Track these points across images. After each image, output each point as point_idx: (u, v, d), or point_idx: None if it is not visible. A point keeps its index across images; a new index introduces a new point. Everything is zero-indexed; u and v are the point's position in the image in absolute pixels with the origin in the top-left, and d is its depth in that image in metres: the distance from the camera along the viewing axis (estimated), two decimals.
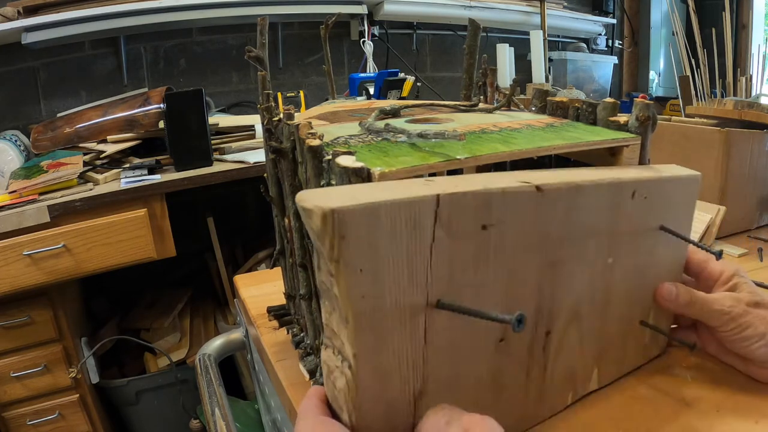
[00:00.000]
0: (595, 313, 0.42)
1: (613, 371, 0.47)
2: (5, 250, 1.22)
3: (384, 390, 0.30)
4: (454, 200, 0.30)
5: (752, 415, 0.42)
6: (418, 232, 0.29)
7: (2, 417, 1.37)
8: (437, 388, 0.33)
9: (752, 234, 0.86)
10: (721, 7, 1.11)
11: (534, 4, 2.35)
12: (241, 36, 1.99)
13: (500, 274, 0.34)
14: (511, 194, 0.33)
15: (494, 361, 0.36)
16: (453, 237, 0.31)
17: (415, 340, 0.31)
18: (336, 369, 0.30)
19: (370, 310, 0.28)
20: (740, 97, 1.02)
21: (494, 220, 0.33)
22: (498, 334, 0.36)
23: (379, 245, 0.28)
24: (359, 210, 0.27)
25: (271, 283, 0.73)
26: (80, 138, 1.54)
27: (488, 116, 0.54)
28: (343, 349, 0.29)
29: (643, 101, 0.44)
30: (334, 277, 0.27)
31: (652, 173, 0.43)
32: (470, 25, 0.62)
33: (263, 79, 0.54)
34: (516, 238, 0.34)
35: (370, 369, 0.29)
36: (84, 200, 1.28)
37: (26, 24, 1.54)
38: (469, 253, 0.32)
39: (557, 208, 0.36)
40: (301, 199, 0.27)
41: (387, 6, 2.02)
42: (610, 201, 0.40)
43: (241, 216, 2.03)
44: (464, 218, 0.31)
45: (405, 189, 0.29)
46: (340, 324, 0.29)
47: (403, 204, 0.28)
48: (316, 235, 0.27)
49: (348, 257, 0.27)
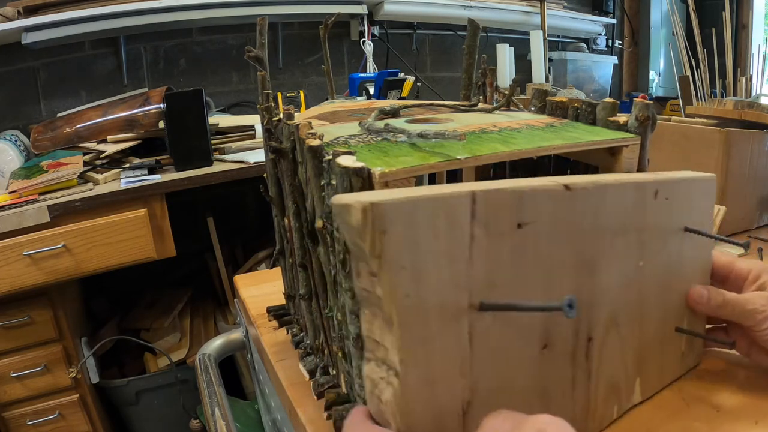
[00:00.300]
0: (633, 319, 0.42)
1: (654, 382, 0.46)
2: (5, 250, 1.22)
3: (432, 400, 0.30)
4: (489, 197, 0.30)
5: (752, 415, 0.42)
6: (457, 230, 0.29)
7: (2, 417, 1.37)
8: (485, 399, 0.32)
9: (752, 234, 0.86)
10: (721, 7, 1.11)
11: (534, 4, 2.35)
12: (241, 36, 1.99)
13: (538, 274, 0.34)
14: (541, 192, 0.33)
15: (539, 369, 0.36)
16: (490, 235, 0.31)
17: (461, 344, 0.30)
18: (381, 381, 0.29)
19: (414, 311, 0.28)
20: (740, 97, 1.02)
21: (528, 218, 0.32)
22: (541, 340, 0.35)
23: (420, 242, 0.28)
24: (399, 204, 0.27)
25: (271, 283, 0.73)
26: (80, 138, 1.54)
27: (488, 116, 0.54)
28: (388, 356, 0.28)
29: (642, 101, 0.44)
30: (376, 276, 0.27)
31: (670, 175, 0.44)
32: (470, 25, 0.62)
33: (263, 79, 0.54)
34: (550, 237, 0.34)
35: (417, 376, 0.28)
36: (84, 200, 1.28)
37: (26, 24, 1.54)
38: (507, 252, 0.32)
39: (586, 207, 0.36)
40: (338, 198, 0.27)
41: (387, 6, 2.02)
42: (635, 200, 0.40)
43: (241, 216, 2.03)
44: (500, 216, 0.31)
45: (440, 188, 0.29)
46: (383, 329, 0.28)
47: (440, 200, 0.28)
48: (356, 231, 0.26)
49: (390, 253, 0.27)
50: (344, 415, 0.43)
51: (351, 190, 0.34)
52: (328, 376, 0.48)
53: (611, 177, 0.39)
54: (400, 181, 0.35)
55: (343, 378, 0.45)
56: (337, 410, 0.43)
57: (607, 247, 0.38)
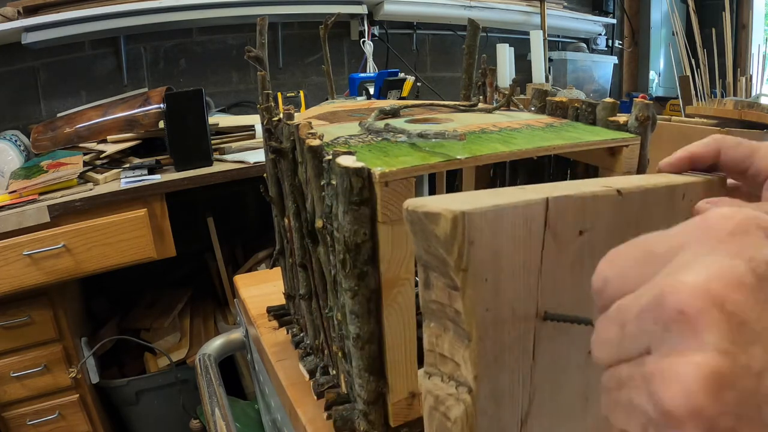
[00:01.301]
0: None
1: None
2: (5, 250, 1.22)
3: (498, 414, 0.29)
4: (560, 204, 0.29)
5: None
6: (532, 238, 0.28)
7: (2, 417, 1.37)
8: (540, 409, 0.32)
9: None
10: (721, 7, 1.11)
11: (534, 4, 2.35)
12: (241, 36, 1.99)
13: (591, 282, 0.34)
14: (600, 198, 0.32)
15: (584, 374, 0.36)
16: (558, 243, 0.30)
17: (527, 356, 0.30)
18: (449, 397, 0.28)
19: (491, 325, 0.27)
20: (740, 97, 1.02)
21: (588, 225, 0.32)
22: (588, 345, 0.36)
23: (502, 252, 0.27)
24: (487, 213, 0.25)
25: (271, 283, 0.73)
26: (80, 138, 1.54)
27: (488, 116, 0.54)
28: (459, 372, 0.27)
29: (642, 101, 0.44)
30: (459, 291, 0.26)
31: (689, 177, 0.43)
32: (469, 25, 0.62)
33: (263, 79, 0.54)
34: (604, 245, 0.34)
35: (488, 391, 0.28)
36: (84, 200, 1.28)
37: (26, 24, 1.54)
38: (569, 261, 0.31)
39: (632, 212, 0.36)
40: (420, 205, 0.25)
41: (387, 6, 2.02)
42: (668, 204, 0.39)
43: (241, 216, 2.03)
44: (566, 223, 0.30)
45: (513, 194, 0.28)
46: (457, 344, 0.27)
47: (521, 208, 0.27)
48: (442, 243, 0.25)
49: (476, 266, 0.25)
50: (344, 415, 0.43)
51: (351, 190, 0.34)
52: (328, 376, 0.48)
53: (649, 180, 0.38)
54: (400, 181, 0.35)
55: (343, 378, 0.45)
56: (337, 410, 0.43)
57: None
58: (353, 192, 0.34)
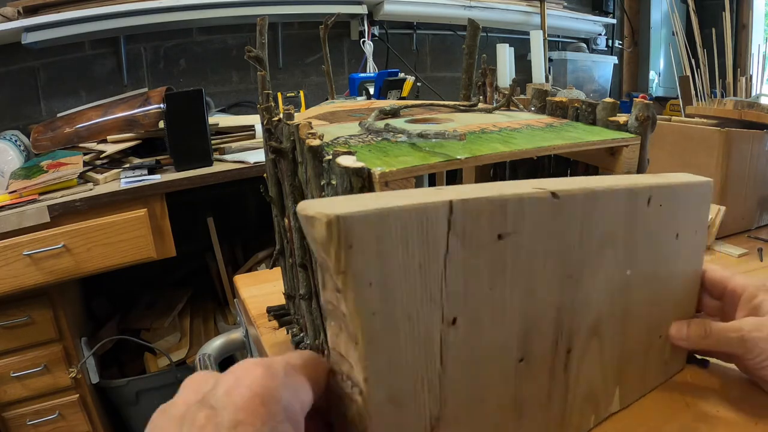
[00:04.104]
0: (616, 328, 0.41)
1: (635, 391, 0.45)
2: (5, 250, 1.22)
3: (398, 417, 0.28)
4: (468, 207, 0.28)
5: (752, 416, 0.42)
6: (431, 242, 0.27)
7: (2, 417, 1.37)
8: (456, 413, 0.31)
9: (752, 234, 0.86)
10: (721, 7, 1.11)
11: (534, 4, 2.35)
12: (241, 36, 1.99)
13: (517, 287, 0.32)
14: (527, 201, 0.31)
15: (514, 383, 0.35)
16: (467, 247, 0.29)
17: (431, 360, 0.29)
18: (345, 396, 0.27)
19: (381, 328, 0.26)
20: (740, 97, 1.02)
21: (510, 228, 0.31)
22: (518, 353, 0.34)
23: (390, 256, 0.26)
24: (367, 216, 0.25)
25: (271, 283, 0.73)
26: (80, 138, 1.54)
27: (488, 116, 0.54)
28: (353, 373, 0.27)
29: (642, 101, 0.44)
30: (341, 293, 0.25)
31: (665, 180, 0.42)
32: (469, 25, 0.62)
33: (263, 79, 0.54)
34: (532, 248, 0.32)
35: (383, 393, 0.27)
36: (84, 200, 1.28)
37: (26, 24, 1.54)
38: (485, 264, 0.30)
39: (574, 216, 0.34)
40: (302, 208, 0.25)
41: (387, 6, 2.02)
42: (627, 208, 0.38)
43: (241, 216, 2.03)
44: (479, 227, 0.29)
45: (415, 196, 0.27)
46: (348, 345, 0.27)
47: (414, 210, 0.26)
48: (321, 245, 0.24)
49: (356, 269, 0.25)
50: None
51: (351, 190, 0.33)
52: None
53: (603, 183, 0.37)
54: (401, 181, 0.34)
55: None
56: None
57: (594, 257, 0.37)
58: (353, 192, 0.34)
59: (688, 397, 0.45)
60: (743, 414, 0.42)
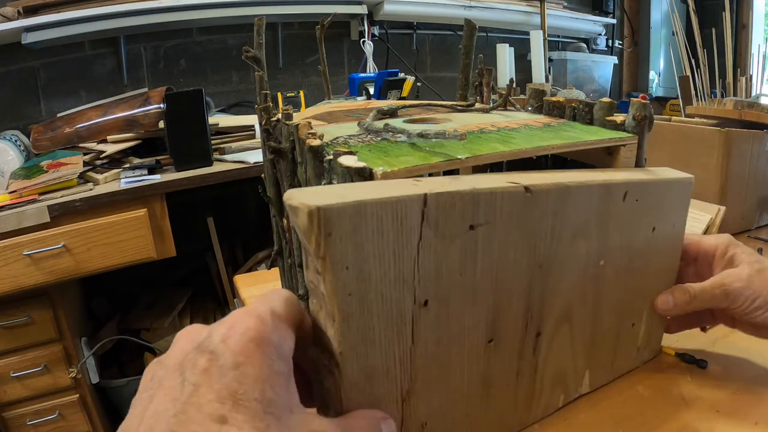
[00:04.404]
0: (587, 314, 0.43)
1: (605, 374, 0.47)
2: (5, 250, 1.22)
3: (371, 389, 0.31)
4: (441, 200, 0.30)
5: (752, 416, 0.42)
6: (405, 231, 0.29)
7: (2, 417, 1.37)
8: (426, 388, 0.34)
9: (752, 234, 0.86)
10: (721, 7, 1.11)
11: (534, 4, 2.35)
12: (241, 36, 1.99)
13: (488, 274, 0.35)
14: (499, 195, 0.33)
15: (484, 362, 0.37)
16: (440, 236, 0.31)
17: (403, 339, 0.31)
18: (323, 368, 0.30)
19: (357, 308, 0.29)
20: (740, 97, 1.02)
21: (482, 220, 0.33)
22: (487, 335, 0.36)
23: (365, 243, 0.28)
24: (345, 208, 0.27)
25: (271, 283, 0.73)
26: (80, 138, 1.54)
27: (486, 116, 0.54)
28: (330, 346, 0.29)
29: (639, 101, 0.44)
30: (320, 275, 0.28)
31: (645, 175, 0.43)
32: (466, 25, 0.62)
33: (260, 79, 0.54)
34: (504, 239, 0.35)
35: (357, 367, 0.30)
36: (84, 200, 1.28)
37: (26, 24, 1.54)
38: (457, 252, 0.32)
39: (546, 209, 0.36)
40: (288, 198, 0.28)
41: (387, 6, 2.02)
42: (601, 203, 0.40)
43: (241, 216, 2.03)
44: (451, 218, 0.31)
45: (393, 188, 0.30)
46: (327, 322, 0.29)
47: (390, 203, 0.28)
48: (303, 232, 0.27)
49: (334, 255, 0.27)
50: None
51: None
52: None
53: (577, 178, 0.38)
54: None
55: None
56: None
57: (566, 248, 0.39)
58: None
59: (688, 397, 0.45)
60: (743, 414, 0.42)
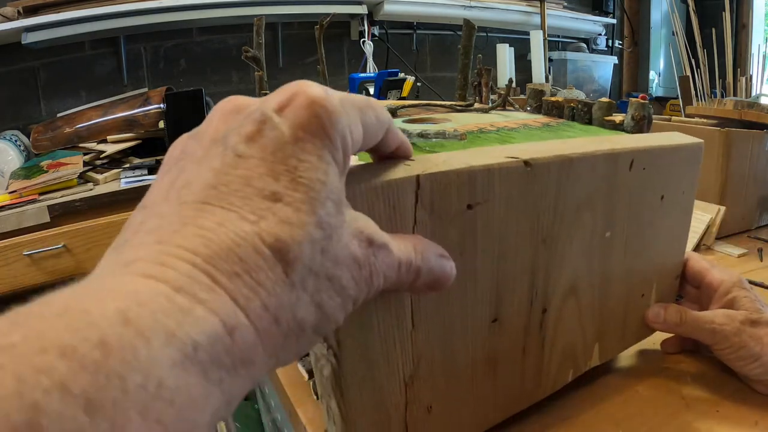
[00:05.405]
0: (594, 288, 0.41)
1: (615, 346, 0.46)
2: (5, 250, 1.22)
3: (372, 375, 0.30)
4: (435, 180, 0.29)
5: (752, 416, 0.42)
6: (399, 215, 0.28)
7: None
8: (430, 371, 0.33)
9: (752, 234, 0.86)
10: (721, 7, 1.11)
11: (534, 4, 2.35)
12: (241, 36, 1.99)
13: (488, 252, 0.33)
14: (497, 171, 0.32)
15: (489, 341, 0.36)
16: (436, 218, 0.30)
17: (402, 324, 0.31)
18: (322, 357, 0.30)
19: None
20: (740, 97, 1.02)
21: (480, 198, 0.32)
22: (491, 314, 0.35)
23: None
24: None
25: None
26: (80, 138, 1.54)
27: (484, 116, 0.54)
28: (328, 336, 0.29)
29: (638, 100, 0.44)
30: None
31: (652, 142, 0.41)
32: (465, 25, 0.62)
33: (260, 79, 0.54)
34: (505, 216, 0.33)
35: (357, 355, 0.29)
36: (84, 200, 1.28)
37: (26, 24, 1.54)
38: (455, 233, 0.31)
39: (548, 183, 0.35)
40: None
41: (387, 6, 2.02)
42: (606, 173, 0.38)
43: None
44: (447, 199, 0.30)
45: (383, 171, 0.28)
46: None
47: (381, 187, 0.27)
48: None
49: None
50: None
51: None
52: None
53: (580, 148, 0.37)
54: None
55: None
56: None
57: (570, 221, 0.37)
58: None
59: (688, 397, 0.45)
60: (743, 414, 0.42)
